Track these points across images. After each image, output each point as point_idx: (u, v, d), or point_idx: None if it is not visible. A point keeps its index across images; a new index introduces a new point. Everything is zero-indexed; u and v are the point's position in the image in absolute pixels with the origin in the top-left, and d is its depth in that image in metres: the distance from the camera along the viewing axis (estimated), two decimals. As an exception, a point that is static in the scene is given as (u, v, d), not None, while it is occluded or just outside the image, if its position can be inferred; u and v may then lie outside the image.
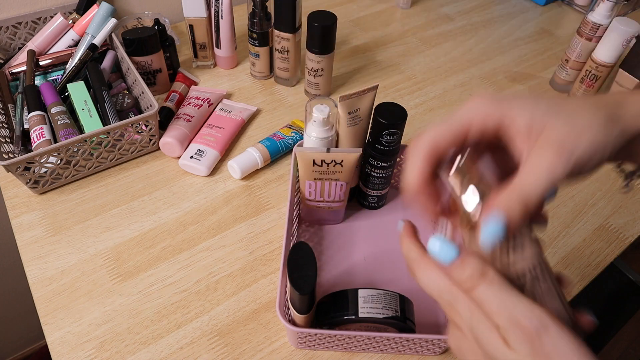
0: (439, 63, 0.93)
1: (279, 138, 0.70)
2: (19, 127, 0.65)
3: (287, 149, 0.71)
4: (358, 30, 1.00)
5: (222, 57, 0.85)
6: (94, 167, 0.67)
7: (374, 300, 0.45)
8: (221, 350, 0.51)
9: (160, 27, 0.78)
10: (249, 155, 0.68)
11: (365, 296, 0.46)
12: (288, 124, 0.74)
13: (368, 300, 0.46)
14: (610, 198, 0.70)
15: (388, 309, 0.45)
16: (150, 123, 0.67)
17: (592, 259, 0.62)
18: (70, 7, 0.80)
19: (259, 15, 0.77)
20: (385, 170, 0.59)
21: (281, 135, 0.71)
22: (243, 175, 0.67)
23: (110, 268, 0.58)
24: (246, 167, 0.67)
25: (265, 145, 0.69)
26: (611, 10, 0.76)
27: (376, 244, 0.61)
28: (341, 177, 0.55)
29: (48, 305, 0.54)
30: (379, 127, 0.54)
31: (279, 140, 0.70)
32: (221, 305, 0.55)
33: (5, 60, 0.76)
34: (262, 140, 0.70)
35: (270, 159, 0.69)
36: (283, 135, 0.71)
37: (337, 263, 0.59)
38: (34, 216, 0.62)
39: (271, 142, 0.70)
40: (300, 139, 0.70)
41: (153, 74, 0.78)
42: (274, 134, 0.71)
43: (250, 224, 0.63)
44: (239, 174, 0.67)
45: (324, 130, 0.54)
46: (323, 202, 0.59)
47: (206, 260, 0.59)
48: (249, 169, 0.67)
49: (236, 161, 0.67)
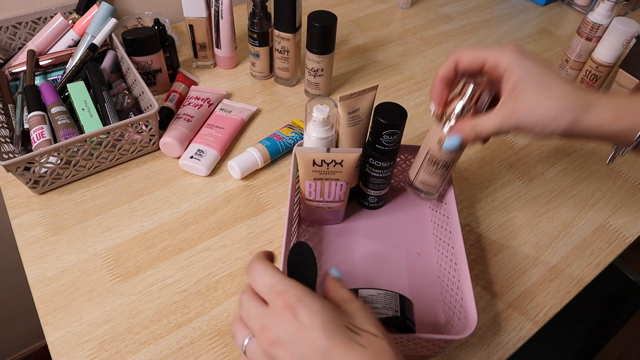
0: (439, 63, 0.93)
1: (279, 138, 0.70)
2: (19, 127, 0.65)
3: (287, 149, 0.71)
4: (358, 30, 1.00)
5: (222, 57, 0.85)
6: (94, 167, 0.67)
7: (374, 301, 0.45)
8: (221, 350, 0.51)
9: (160, 27, 0.78)
10: (248, 155, 0.68)
11: (365, 296, 0.46)
12: (288, 124, 0.74)
13: (368, 300, 0.46)
14: (610, 198, 0.70)
15: (388, 309, 0.45)
16: (150, 123, 0.67)
17: (592, 259, 0.62)
18: (70, 7, 0.80)
19: (259, 15, 0.77)
20: (385, 170, 0.59)
21: (281, 135, 0.71)
22: (243, 175, 0.67)
23: (110, 268, 0.58)
24: (246, 167, 0.67)
25: (265, 145, 0.69)
26: (611, 10, 0.76)
27: (376, 244, 0.61)
28: (341, 177, 0.55)
29: (48, 305, 0.54)
30: (379, 127, 0.54)
31: (279, 140, 0.70)
32: (221, 305, 0.55)
33: (5, 60, 0.76)
34: (262, 140, 0.70)
35: (271, 159, 0.69)
36: (283, 135, 0.71)
37: (337, 263, 0.59)
38: (34, 216, 0.62)
39: (271, 142, 0.70)
40: (300, 139, 0.70)
41: (153, 74, 0.78)
42: (273, 134, 0.71)
43: (250, 224, 0.63)
44: (239, 174, 0.67)
45: (324, 130, 0.54)
46: (323, 202, 0.59)
47: (206, 260, 0.59)
48: (249, 169, 0.67)
49: (236, 161, 0.67)
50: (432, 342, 0.48)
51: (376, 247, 0.61)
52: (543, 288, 0.59)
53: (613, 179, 0.73)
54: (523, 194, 0.70)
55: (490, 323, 0.55)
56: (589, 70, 0.81)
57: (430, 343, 0.48)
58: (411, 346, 0.49)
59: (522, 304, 0.57)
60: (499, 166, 0.74)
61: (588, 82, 0.81)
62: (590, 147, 0.78)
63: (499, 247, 0.63)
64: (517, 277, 0.60)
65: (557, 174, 0.73)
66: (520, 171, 0.73)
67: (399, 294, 0.47)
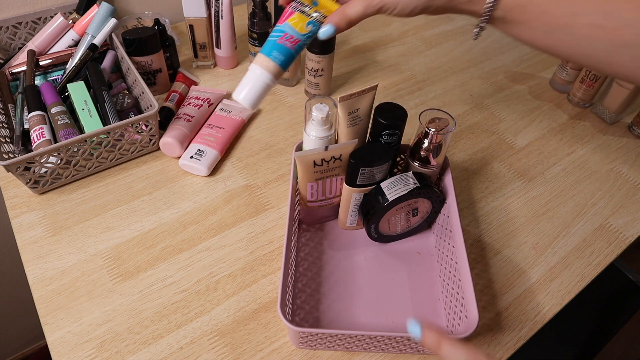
0: (439, 63, 0.93)
1: (293, 42, 0.45)
2: (19, 127, 0.65)
3: (302, 48, 0.47)
4: (358, 30, 1.00)
5: (222, 57, 0.85)
6: (94, 167, 0.67)
7: (395, 184, 0.54)
8: (221, 350, 0.51)
9: (160, 27, 0.78)
10: (255, 78, 0.45)
11: (387, 185, 0.55)
12: (297, 3, 0.45)
13: (390, 187, 0.54)
14: (610, 198, 0.70)
15: (408, 184, 0.54)
16: (150, 123, 0.67)
17: (592, 259, 0.62)
18: (70, 7, 0.80)
19: (259, 15, 0.77)
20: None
21: (294, 35, 0.45)
22: (254, 107, 0.46)
23: (111, 268, 0.58)
24: (257, 95, 0.46)
25: (277, 59, 0.45)
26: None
27: (376, 244, 0.61)
28: (341, 171, 0.55)
29: (48, 305, 0.54)
30: (379, 127, 0.54)
31: (295, 45, 0.45)
32: (221, 305, 0.55)
33: (6, 60, 0.76)
34: (266, 48, 0.45)
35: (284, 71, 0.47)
36: (297, 35, 0.45)
37: (338, 263, 0.59)
38: (34, 216, 0.62)
39: (282, 51, 0.45)
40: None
41: (153, 74, 0.78)
42: (281, 35, 0.45)
43: (250, 224, 0.63)
44: (251, 104, 0.46)
45: (324, 129, 0.54)
46: (325, 199, 0.59)
47: (206, 260, 0.59)
48: (260, 98, 0.46)
49: (244, 91, 0.45)
50: (433, 342, 0.48)
51: (376, 246, 0.61)
52: (543, 288, 0.59)
53: (613, 179, 0.73)
54: (523, 194, 0.70)
55: (490, 323, 0.55)
56: (589, 70, 0.81)
57: (430, 343, 0.48)
58: (412, 345, 0.49)
59: (522, 304, 0.57)
60: (499, 166, 0.74)
61: (588, 83, 0.82)
62: (590, 146, 0.78)
63: (499, 247, 0.63)
64: (517, 277, 0.60)
65: (557, 174, 0.73)
66: (520, 171, 0.73)
67: (411, 172, 0.56)
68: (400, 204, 0.55)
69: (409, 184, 0.54)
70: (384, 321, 0.54)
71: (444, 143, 0.55)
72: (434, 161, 0.56)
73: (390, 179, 0.55)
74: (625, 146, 0.79)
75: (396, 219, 0.58)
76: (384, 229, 0.59)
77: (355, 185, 0.55)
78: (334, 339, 0.48)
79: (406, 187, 0.54)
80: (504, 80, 0.91)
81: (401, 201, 0.54)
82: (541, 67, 0.94)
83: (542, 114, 0.84)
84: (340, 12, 0.44)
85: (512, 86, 0.89)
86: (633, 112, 0.84)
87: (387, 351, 0.51)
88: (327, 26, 0.44)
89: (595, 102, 0.84)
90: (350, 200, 0.57)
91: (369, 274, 0.58)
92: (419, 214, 0.59)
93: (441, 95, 0.86)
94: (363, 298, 0.56)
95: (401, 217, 0.58)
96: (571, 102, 0.86)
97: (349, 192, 0.56)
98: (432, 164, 0.56)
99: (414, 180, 0.54)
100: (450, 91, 0.87)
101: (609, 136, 0.80)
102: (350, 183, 0.55)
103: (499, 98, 0.86)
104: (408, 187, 0.54)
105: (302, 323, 0.53)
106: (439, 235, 0.60)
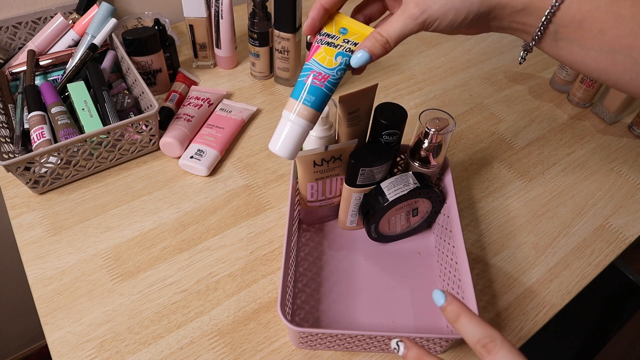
0: (439, 63, 0.93)
1: (322, 79, 0.40)
2: (19, 127, 0.65)
3: (336, 84, 0.42)
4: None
5: (222, 57, 0.85)
6: (94, 167, 0.67)
7: (395, 184, 0.55)
8: (221, 350, 0.51)
9: (160, 27, 0.78)
10: (287, 125, 0.41)
11: (387, 185, 0.55)
12: (322, 34, 0.42)
13: (390, 187, 0.54)
14: (610, 198, 0.70)
15: (408, 184, 0.54)
16: (150, 123, 0.67)
17: (592, 259, 0.62)
18: (70, 7, 0.80)
19: (259, 15, 0.77)
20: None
21: (322, 70, 0.40)
22: (293, 157, 0.43)
23: (111, 268, 0.58)
24: (293, 144, 0.42)
25: (307, 101, 0.41)
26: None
27: (376, 244, 0.61)
28: (341, 171, 0.55)
29: (48, 305, 0.54)
30: (379, 127, 0.54)
31: (325, 82, 0.40)
32: (221, 305, 0.55)
33: (5, 60, 0.76)
34: (294, 91, 0.41)
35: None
36: (325, 70, 0.40)
37: (338, 263, 0.59)
38: (34, 216, 0.62)
39: (312, 91, 0.40)
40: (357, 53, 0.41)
41: (153, 74, 0.78)
42: (308, 73, 0.41)
43: (250, 224, 0.63)
44: (288, 154, 0.42)
45: (324, 129, 0.54)
46: (325, 199, 0.59)
47: (206, 260, 0.59)
48: (297, 145, 0.42)
49: (279, 142, 0.42)
50: (433, 342, 0.48)
51: (377, 246, 0.61)
52: (543, 288, 0.59)
53: (613, 179, 0.73)
54: (523, 194, 0.70)
55: (490, 323, 0.55)
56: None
57: (431, 342, 0.48)
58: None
59: (522, 304, 0.57)
60: (499, 166, 0.74)
61: (588, 82, 0.81)
62: (590, 146, 0.78)
63: (499, 247, 0.63)
64: (517, 277, 0.60)
65: (557, 174, 0.73)
66: (520, 171, 0.73)
67: (411, 172, 0.56)
68: (400, 204, 0.55)
69: (409, 184, 0.54)
70: (384, 321, 0.54)
71: (444, 143, 0.55)
72: (434, 161, 0.56)
73: (390, 179, 0.56)
74: (625, 146, 0.79)
75: (396, 219, 0.58)
76: (384, 229, 0.59)
77: (355, 185, 0.55)
78: (334, 339, 0.48)
79: (406, 187, 0.54)
80: (504, 80, 0.91)
81: (401, 201, 0.54)
82: (541, 67, 0.94)
83: (542, 114, 0.84)
84: (374, 35, 0.39)
85: (512, 86, 0.89)
86: (633, 112, 0.84)
87: (387, 351, 0.51)
88: (359, 52, 0.39)
89: (595, 102, 0.84)
90: (350, 200, 0.57)
91: (369, 274, 0.58)
92: (419, 214, 0.59)
93: (441, 95, 0.86)
94: (363, 298, 0.56)
95: (401, 217, 0.58)
96: (571, 102, 0.86)
97: (349, 192, 0.56)
98: (432, 164, 0.56)
99: (414, 180, 0.55)
100: (450, 91, 0.87)
101: (609, 136, 0.80)
102: (350, 183, 0.55)
103: (499, 98, 0.86)
104: (408, 187, 0.54)
105: (302, 323, 0.53)
106: (439, 235, 0.60)
